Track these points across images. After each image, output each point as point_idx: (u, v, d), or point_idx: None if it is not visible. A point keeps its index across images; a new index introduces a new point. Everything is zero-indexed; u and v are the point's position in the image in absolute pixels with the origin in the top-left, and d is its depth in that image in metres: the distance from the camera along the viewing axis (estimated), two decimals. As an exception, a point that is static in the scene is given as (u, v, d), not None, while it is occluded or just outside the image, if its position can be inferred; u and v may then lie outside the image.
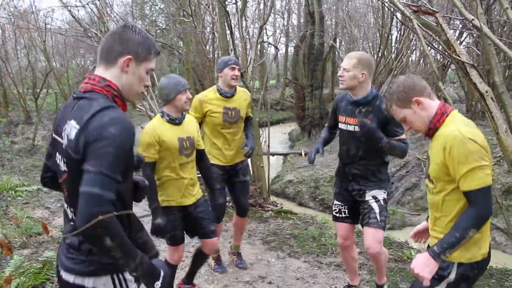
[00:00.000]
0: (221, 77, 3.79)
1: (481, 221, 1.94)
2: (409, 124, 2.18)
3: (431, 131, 2.11)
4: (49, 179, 1.86)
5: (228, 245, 4.62)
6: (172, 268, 3.25)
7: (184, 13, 8.67)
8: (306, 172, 11.49)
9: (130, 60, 1.61)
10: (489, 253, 2.12)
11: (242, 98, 3.92)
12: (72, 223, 1.63)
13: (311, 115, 14.95)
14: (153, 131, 3.02)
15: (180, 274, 3.78)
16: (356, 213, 3.37)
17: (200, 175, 3.46)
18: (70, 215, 1.65)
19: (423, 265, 1.97)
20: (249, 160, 5.64)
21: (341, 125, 3.32)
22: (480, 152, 1.92)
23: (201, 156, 3.37)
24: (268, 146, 7.49)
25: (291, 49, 20.33)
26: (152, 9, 14.72)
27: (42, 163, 6.73)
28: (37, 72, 14.07)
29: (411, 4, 5.33)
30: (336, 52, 20.01)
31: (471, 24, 5.92)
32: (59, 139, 1.61)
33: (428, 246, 2.35)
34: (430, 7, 5.25)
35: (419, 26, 5.05)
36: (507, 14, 4.82)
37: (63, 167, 1.60)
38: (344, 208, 3.38)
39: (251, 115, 4.12)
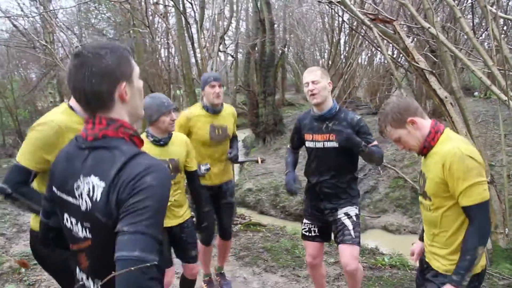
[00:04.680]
0: (204, 95, 3.66)
1: (484, 236, 1.99)
2: (403, 143, 2.21)
3: (425, 149, 2.15)
4: (52, 240, 1.58)
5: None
6: None
7: (134, 23, 8.43)
8: (264, 179, 11.47)
9: (126, 86, 1.35)
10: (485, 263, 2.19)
11: (229, 115, 3.78)
12: None
13: (265, 122, 14.95)
14: None
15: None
16: (326, 232, 3.32)
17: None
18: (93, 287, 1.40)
19: None
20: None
21: (308, 144, 3.24)
22: (478, 168, 1.98)
23: (191, 178, 3.22)
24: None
25: (240, 56, 20.29)
26: (99, 17, 14.24)
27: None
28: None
29: (370, 12, 5.43)
30: (285, 58, 20.22)
31: (424, 31, 6.11)
32: (69, 198, 1.36)
33: (422, 261, 2.36)
34: (387, 15, 5.37)
35: (379, 35, 5.15)
36: (460, 23, 5.01)
37: (82, 233, 1.34)
38: (314, 227, 3.31)
39: (236, 134, 3.96)
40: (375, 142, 3.10)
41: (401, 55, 10.63)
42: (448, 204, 2.07)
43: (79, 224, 1.34)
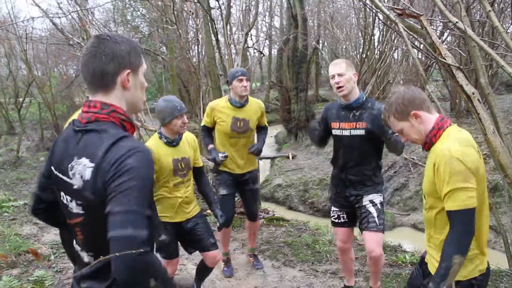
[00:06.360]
0: (231, 89, 3.88)
1: (463, 245, 1.88)
2: (406, 136, 2.17)
3: (426, 145, 2.09)
4: (42, 210, 1.68)
5: (239, 250, 4.80)
6: None
7: (167, 19, 8.59)
8: (294, 175, 11.50)
9: (129, 74, 1.46)
10: (487, 268, 2.10)
11: (253, 109, 3.98)
12: (89, 267, 1.47)
13: (297, 118, 14.96)
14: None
15: None
16: (354, 217, 3.43)
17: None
18: (87, 259, 1.51)
19: None
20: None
21: (335, 132, 3.32)
22: (465, 173, 1.88)
23: (199, 173, 3.40)
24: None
25: (274, 51, 20.31)
26: (134, 14, 14.58)
27: (27, 176, 6.54)
28: (18, 82, 13.86)
29: (396, 7, 5.36)
30: (320, 54, 20.06)
31: (453, 26, 5.96)
32: (64, 178, 1.45)
33: (423, 258, 2.33)
34: (414, 10, 5.28)
35: (404, 29, 5.08)
36: (490, 17, 4.88)
37: (75, 209, 1.44)
38: (343, 214, 3.44)
39: (266, 125, 4.20)
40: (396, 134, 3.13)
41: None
42: (439, 205, 2.00)
43: (73, 202, 1.44)
